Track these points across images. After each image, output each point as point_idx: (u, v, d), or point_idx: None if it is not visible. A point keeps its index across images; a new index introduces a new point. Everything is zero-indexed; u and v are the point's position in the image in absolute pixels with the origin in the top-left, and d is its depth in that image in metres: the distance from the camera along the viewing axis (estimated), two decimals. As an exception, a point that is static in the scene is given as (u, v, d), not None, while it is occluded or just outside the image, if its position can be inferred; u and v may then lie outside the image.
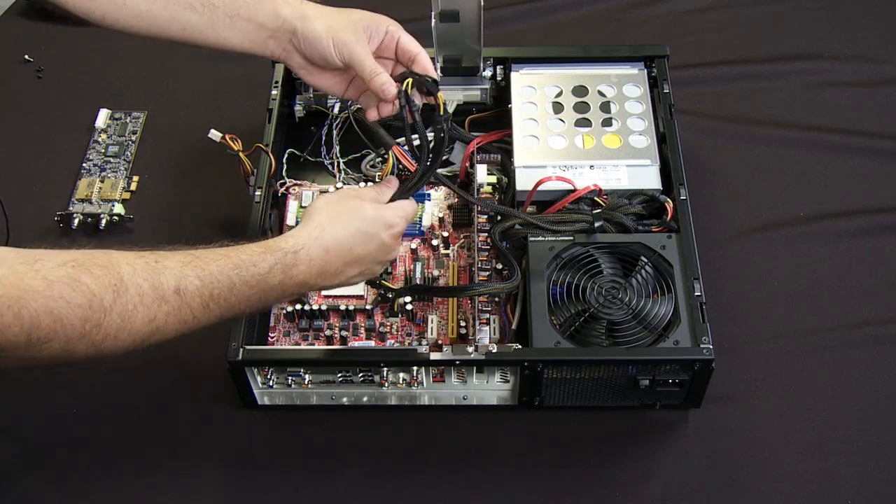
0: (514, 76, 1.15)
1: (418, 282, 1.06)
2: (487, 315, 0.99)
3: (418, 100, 0.95)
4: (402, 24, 1.20)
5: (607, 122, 1.10)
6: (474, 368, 0.95)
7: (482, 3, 1.05)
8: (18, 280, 0.67)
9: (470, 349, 0.93)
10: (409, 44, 0.97)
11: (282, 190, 1.12)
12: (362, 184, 1.12)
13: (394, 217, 0.89)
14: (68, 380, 1.04)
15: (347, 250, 0.86)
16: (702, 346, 0.91)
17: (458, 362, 0.93)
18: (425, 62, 0.97)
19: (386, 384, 0.97)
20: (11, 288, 0.66)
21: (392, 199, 0.92)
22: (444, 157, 1.16)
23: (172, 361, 1.04)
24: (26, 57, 1.38)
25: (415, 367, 0.95)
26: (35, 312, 0.67)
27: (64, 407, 1.02)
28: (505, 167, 1.11)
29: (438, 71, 1.14)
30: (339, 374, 0.97)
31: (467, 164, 1.12)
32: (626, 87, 1.14)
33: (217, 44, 0.97)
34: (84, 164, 1.23)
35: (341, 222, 0.86)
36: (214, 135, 1.07)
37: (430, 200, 1.13)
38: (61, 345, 0.70)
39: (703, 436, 0.98)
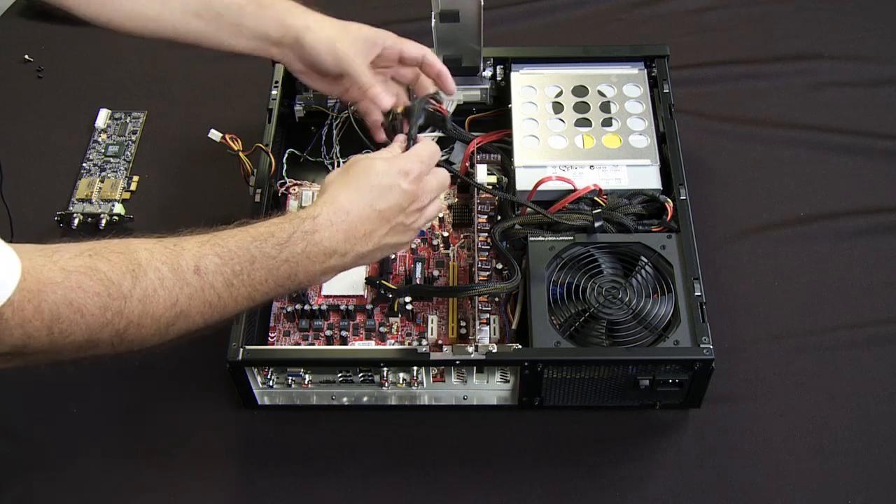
0: (514, 76, 1.15)
1: (418, 282, 1.06)
2: (487, 315, 0.99)
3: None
4: (401, 24, 1.20)
5: (607, 122, 1.10)
6: (474, 368, 0.95)
7: (482, 3, 1.05)
8: (37, 272, 0.66)
9: (470, 349, 0.93)
10: (414, 50, 1.00)
11: (282, 190, 1.12)
12: None
13: (407, 163, 0.85)
14: (68, 380, 1.04)
15: (368, 207, 0.82)
16: (702, 346, 0.91)
17: (458, 362, 0.93)
18: (433, 61, 1.03)
19: (386, 384, 0.97)
20: (31, 281, 0.65)
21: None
22: (444, 157, 1.16)
23: (172, 361, 1.05)
24: (26, 57, 1.38)
25: (415, 367, 0.95)
26: (55, 304, 0.66)
27: (64, 407, 1.02)
28: (505, 167, 1.11)
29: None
30: (339, 374, 0.97)
31: (467, 164, 1.12)
32: (626, 86, 1.14)
33: (223, 49, 0.99)
34: (84, 164, 1.24)
35: (355, 183, 0.83)
36: (214, 135, 1.07)
37: (430, 200, 1.13)
38: (84, 336, 0.69)
39: (703, 436, 0.98)
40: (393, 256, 1.08)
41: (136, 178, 1.22)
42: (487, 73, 1.16)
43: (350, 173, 0.84)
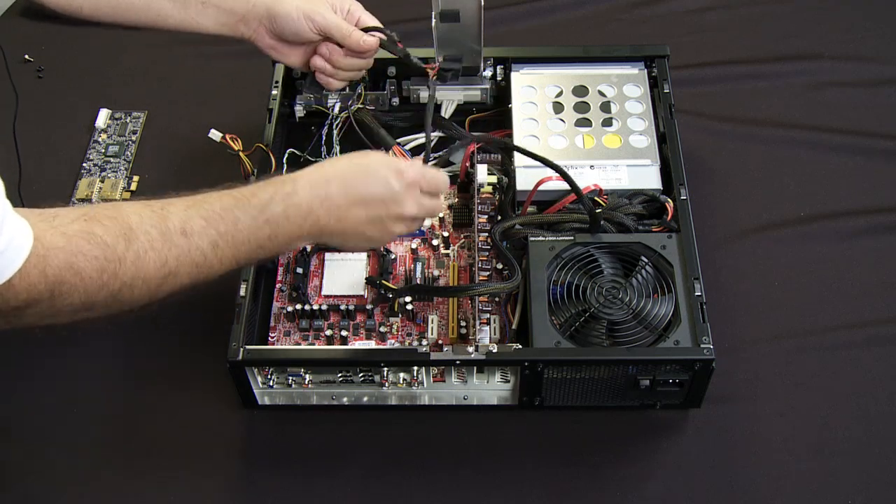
0: (514, 76, 1.15)
1: (418, 282, 1.06)
2: (488, 315, 0.99)
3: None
4: (402, 24, 1.20)
5: (607, 122, 1.10)
6: (475, 368, 0.95)
7: (482, 3, 1.05)
8: (42, 237, 0.69)
9: (470, 349, 0.93)
10: (369, 21, 1.04)
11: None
12: None
13: (407, 167, 0.87)
14: (68, 380, 1.04)
15: (350, 186, 0.84)
16: (702, 346, 0.91)
17: (458, 362, 0.93)
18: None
19: (386, 384, 0.97)
20: (38, 246, 0.68)
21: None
22: (445, 158, 1.16)
23: (172, 362, 1.05)
24: (26, 57, 1.38)
25: (415, 367, 0.95)
26: (58, 269, 0.69)
27: (64, 407, 1.02)
28: (505, 167, 1.11)
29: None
30: (340, 374, 0.97)
31: (468, 164, 1.12)
32: (627, 86, 1.14)
33: (191, 28, 1.01)
34: (84, 164, 1.24)
35: (346, 161, 0.87)
36: (214, 135, 1.07)
37: (430, 200, 1.13)
38: (81, 297, 0.72)
39: (703, 436, 0.98)
40: (393, 256, 1.08)
41: (136, 178, 1.22)
42: (487, 73, 1.16)
43: (346, 154, 0.88)
